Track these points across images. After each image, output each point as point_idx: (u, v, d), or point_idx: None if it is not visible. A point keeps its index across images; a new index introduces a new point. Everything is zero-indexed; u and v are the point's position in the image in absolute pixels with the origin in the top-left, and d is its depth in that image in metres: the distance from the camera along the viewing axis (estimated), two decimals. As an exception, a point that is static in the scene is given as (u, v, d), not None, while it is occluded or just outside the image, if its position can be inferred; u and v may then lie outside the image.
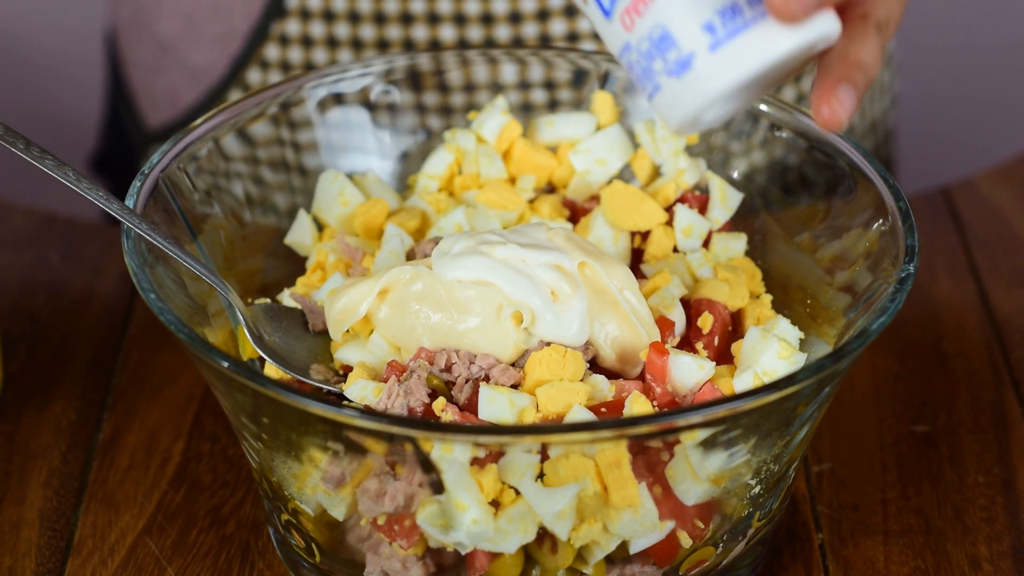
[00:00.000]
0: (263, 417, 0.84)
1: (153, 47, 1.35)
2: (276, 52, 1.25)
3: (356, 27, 1.23)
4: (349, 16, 1.22)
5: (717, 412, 0.79)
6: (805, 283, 0.97)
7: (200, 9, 1.29)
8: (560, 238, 0.91)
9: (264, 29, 1.24)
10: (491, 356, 0.89)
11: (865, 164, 0.95)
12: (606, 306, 0.91)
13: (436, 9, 1.21)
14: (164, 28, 1.32)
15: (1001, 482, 1.01)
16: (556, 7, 1.23)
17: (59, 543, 0.96)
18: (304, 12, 1.23)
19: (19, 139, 0.90)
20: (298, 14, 1.23)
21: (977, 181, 1.28)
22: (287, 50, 1.24)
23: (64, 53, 2.42)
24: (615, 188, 0.99)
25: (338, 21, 1.22)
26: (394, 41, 1.20)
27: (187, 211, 0.96)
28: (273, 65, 1.25)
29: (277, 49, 1.25)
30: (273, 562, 0.95)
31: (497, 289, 0.89)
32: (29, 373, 1.09)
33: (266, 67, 1.26)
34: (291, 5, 1.23)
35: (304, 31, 1.23)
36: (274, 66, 1.25)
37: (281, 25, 1.24)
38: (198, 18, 1.29)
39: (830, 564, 0.95)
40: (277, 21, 1.24)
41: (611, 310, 0.91)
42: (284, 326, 0.96)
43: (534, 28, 1.23)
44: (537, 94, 1.19)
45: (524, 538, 0.83)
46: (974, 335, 1.13)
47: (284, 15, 1.23)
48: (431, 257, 0.92)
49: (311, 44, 1.24)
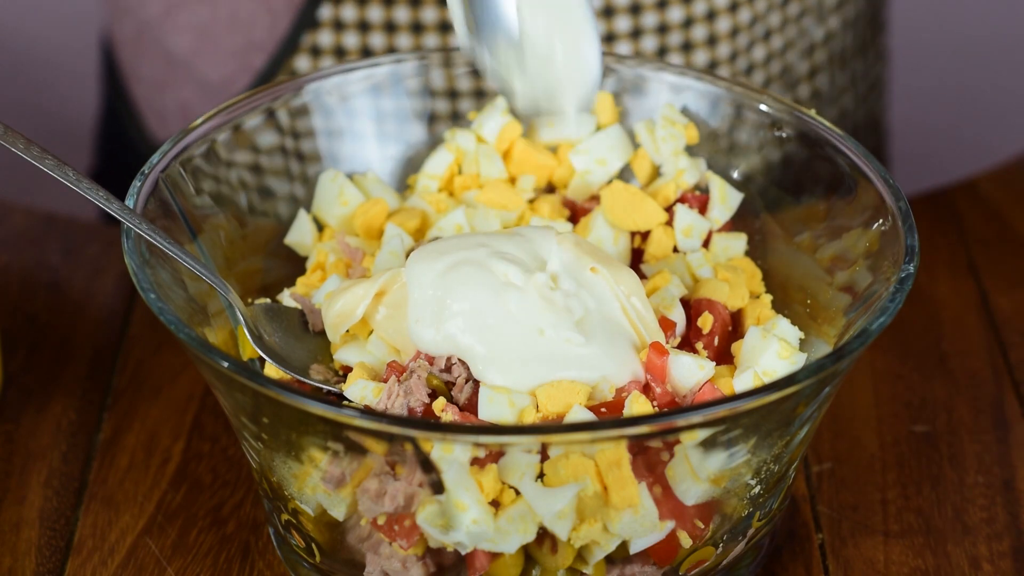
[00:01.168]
0: (263, 417, 0.84)
1: (161, 61, 1.34)
2: (306, 63, 1.24)
3: (391, 36, 1.22)
4: (385, 26, 1.21)
5: (717, 412, 0.79)
6: (805, 283, 0.97)
7: (216, 23, 1.28)
8: (569, 243, 0.91)
9: (295, 41, 1.24)
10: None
11: (865, 164, 0.95)
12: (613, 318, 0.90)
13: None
14: (175, 42, 1.31)
15: (1001, 482, 1.01)
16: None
17: (59, 543, 0.97)
18: (338, 23, 1.22)
19: (19, 139, 0.90)
20: (331, 25, 1.22)
21: (977, 181, 1.28)
22: (319, 61, 1.24)
23: (57, 66, 2.40)
24: (615, 188, 0.99)
25: (373, 31, 1.22)
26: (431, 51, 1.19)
27: (187, 211, 0.96)
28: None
29: (308, 60, 1.24)
30: (273, 562, 0.95)
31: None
32: (29, 373, 1.09)
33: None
34: (324, 17, 1.22)
35: (337, 42, 1.23)
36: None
37: (312, 37, 1.23)
38: (214, 32, 1.28)
39: (830, 564, 0.95)
40: (308, 33, 1.23)
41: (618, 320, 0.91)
42: (284, 326, 0.96)
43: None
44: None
45: (524, 538, 0.83)
46: (974, 335, 1.13)
47: (317, 26, 1.23)
48: (407, 266, 0.91)
49: (344, 55, 1.23)
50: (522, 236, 0.92)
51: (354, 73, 1.05)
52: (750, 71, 1.29)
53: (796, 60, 1.32)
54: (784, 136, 1.00)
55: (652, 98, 1.04)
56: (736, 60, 1.27)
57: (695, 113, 1.03)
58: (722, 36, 1.26)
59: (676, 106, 1.03)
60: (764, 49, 1.29)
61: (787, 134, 1.00)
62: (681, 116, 1.02)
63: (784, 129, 1.00)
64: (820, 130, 0.98)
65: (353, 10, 1.22)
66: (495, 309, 0.88)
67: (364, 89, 1.05)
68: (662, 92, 1.04)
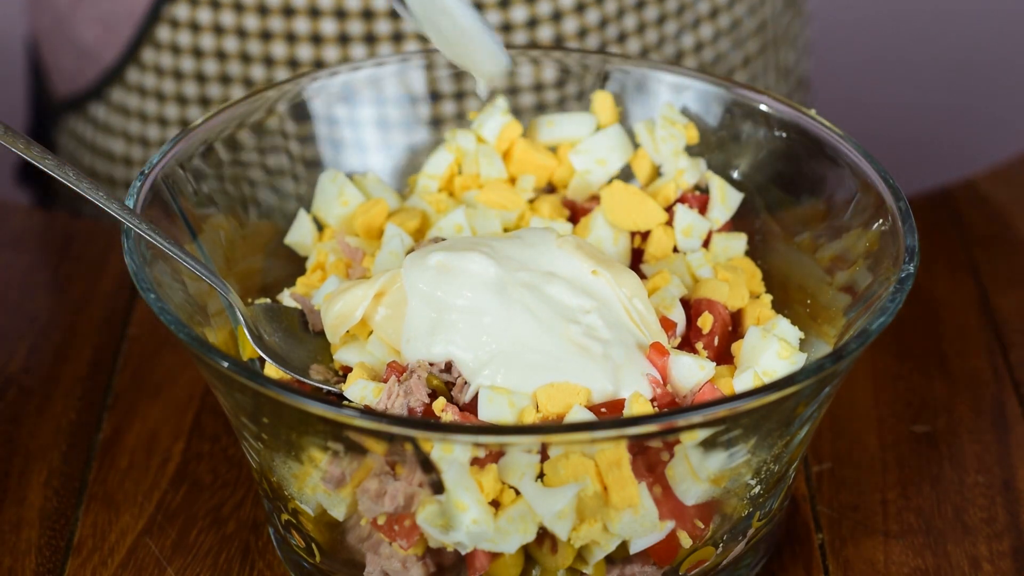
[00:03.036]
0: (263, 417, 0.84)
1: (73, 54, 1.37)
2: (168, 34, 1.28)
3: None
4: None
5: (717, 412, 0.79)
6: (805, 283, 0.97)
7: (117, 11, 1.31)
8: (570, 246, 0.91)
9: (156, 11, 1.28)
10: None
11: (865, 164, 0.95)
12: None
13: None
14: (83, 34, 1.34)
15: (1001, 482, 1.01)
16: (567, 6, 1.23)
17: (59, 543, 0.96)
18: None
19: (19, 139, 0.90)
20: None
21: (977, 181, 1.28)
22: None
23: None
24: (615, 188, 0.99)
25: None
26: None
27: (187, 211, 0.96)
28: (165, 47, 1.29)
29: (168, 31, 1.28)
30: (273, 562, 0.95)
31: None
32: (29, 373, 1.09)
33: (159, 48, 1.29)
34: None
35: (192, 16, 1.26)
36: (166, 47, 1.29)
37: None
38: (113, 22, 1.32)
39: (830, 564, 0.95)
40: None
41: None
42: (284, 326, 0.96)
43: (549, 30, 1.23)
44: (537, 95, 1.19)
45: (524, 538, 0.83)
46: (974, 335, 1.13)
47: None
48: (404, 268, 0.91)
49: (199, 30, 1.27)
50: (522, 239, 0.92)
51: (355, 73, 1.05)
52: (679, 57, 1.30)
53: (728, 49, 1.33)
54: (784, 136, 1.00)
55: (652, 98, 1.04)
56: (663, 46, 1.28)
57: (695, 113, 1.03)
58: (650, 24, 1.27)
59: (676, 106, 1.03)
60: (693, 37, 1.30)
61: (787, 134, 1.00)
62: (681, 116, 1.02)
63: (784, 129, 1.00)
64: (820, 130, 0.98)
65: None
66: (499, 330, 0.88)
67: (364, 89, 1.05)
68: (662, 92, 1.04)
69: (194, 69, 1.29)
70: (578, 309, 0.88)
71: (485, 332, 0.88)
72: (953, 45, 2.41)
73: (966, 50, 2.41)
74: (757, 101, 1.01)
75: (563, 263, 0.91)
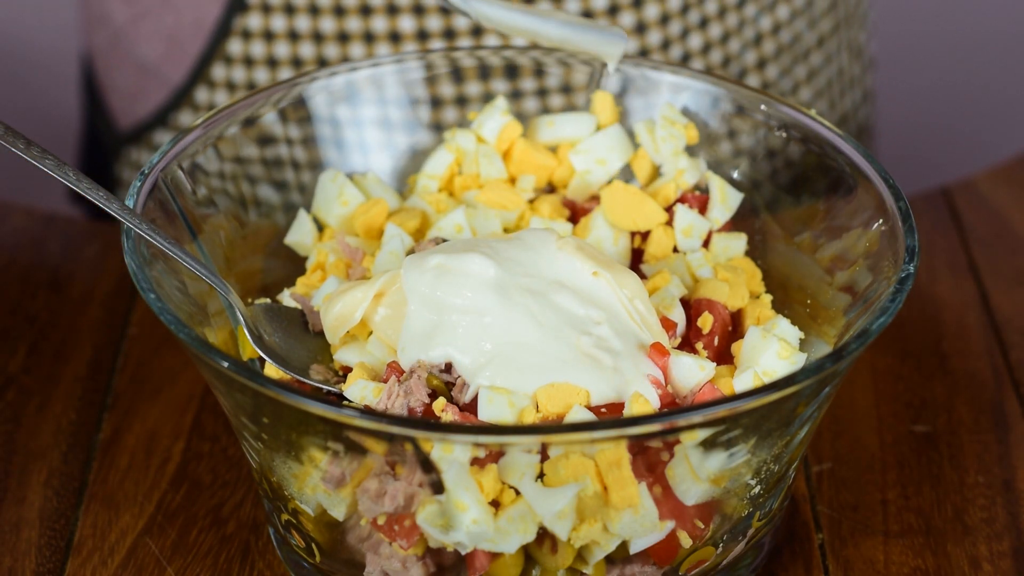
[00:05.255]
0: (263, 417, 0.84)
1: (134, 71, 1.33)
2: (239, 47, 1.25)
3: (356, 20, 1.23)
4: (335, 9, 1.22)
5: (717, 412, 0.79)
6: (805, 283, 0.97)
7: (181, 28, 1.28)
8: (571, 247, 0.91)
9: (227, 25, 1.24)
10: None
11: (865, 164, 0.95)
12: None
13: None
14: (144, 51, 1.30)
15: (1001, 482, 1.01)
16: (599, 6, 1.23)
17: (59, 543, 0.97)
18: (265, 6, 1.23)
19: (19, 139, 0.90)
20: (260, 8, 1.23)
21: (977, 181, 1.28)
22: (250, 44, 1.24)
23: (44, 75, 2.38)
24: (615, 188, 0.99)
25: (315, 15, 1.22)
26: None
27: (187, 211, 0.96)
28: (236, 61, 1.25)
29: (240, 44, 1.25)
30: (273, 562, 0.95)
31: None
32: (29, 373, 1.09)
33: (230, 63, 1.25)
34: (252, 1, 1.22)
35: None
36: (237, 62, 1.25)
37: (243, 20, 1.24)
38: (180, 37, 1.28)
39: (830, 564, 0.95)
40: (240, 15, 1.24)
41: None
42: (284, 326, 0.96)
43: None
44: (539, 95, 1.19)
45: (524, 538, 0.83)
46: (974, 335, 1.13)
47: (246, 9, 1.23)
48: (403, 270, 0.91)
49: (272, 38, 1.23)
50: (522, 240, 0.92)
51: (354, 73, 1.05)
52: (687, 59, 1.29)
53: (740, 49, 1.31)
54: (784, 136, 1.00)
55: (652, 98, 1.04)
56: (669, 48, 1.27)
57: (695, 113, 1.03)
58: (651, 23, 1.27)
59: (676, 106, 1.03)
60: (701, 38, 1.29)
61: (787, 134, 1.00)
62: (681, 116, 1.02)
63: (784, 129, 1.00)
64: (820, 130, 0.98)
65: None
66: (498, 338, 0.88)
67: (364, 89, 1.05)
68: (662, 92, 1.04)
69: (270, 81, 1.25)
70: (588, 320, 0.88)
71: (485, 332, 0.88)
72: (953, 44, 2.41)
73: (966, 49, 2.41)
74: (757, 101, 1.01)
75: (564, 265, 0.90)
